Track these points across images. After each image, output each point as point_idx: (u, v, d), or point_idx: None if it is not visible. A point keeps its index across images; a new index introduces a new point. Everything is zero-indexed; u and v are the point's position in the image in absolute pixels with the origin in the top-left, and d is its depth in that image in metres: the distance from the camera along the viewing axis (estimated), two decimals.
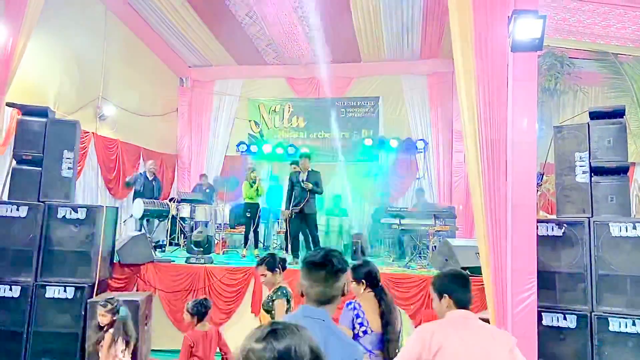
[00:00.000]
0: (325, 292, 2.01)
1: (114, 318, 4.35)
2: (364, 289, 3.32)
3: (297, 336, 1.17)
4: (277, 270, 3.94)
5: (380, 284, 3.40)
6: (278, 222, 9.86)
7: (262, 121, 12.18)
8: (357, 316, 3.13)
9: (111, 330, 4.32)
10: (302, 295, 2.08)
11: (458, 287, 2.56)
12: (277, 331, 1.17)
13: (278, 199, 9.72)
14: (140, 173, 8.82)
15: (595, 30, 7.01)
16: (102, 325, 4.34)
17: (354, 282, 3.34)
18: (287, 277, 4.18)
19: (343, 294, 2.10)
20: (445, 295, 2.55)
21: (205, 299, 4.48)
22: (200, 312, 4.28)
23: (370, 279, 3.35)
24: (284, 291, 3.82)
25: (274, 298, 3.80)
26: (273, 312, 3.74)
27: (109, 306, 4.34)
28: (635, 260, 4.25)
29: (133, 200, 8.42)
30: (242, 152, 11.72)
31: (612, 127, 4.62)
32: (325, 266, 2.03)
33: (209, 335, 4.27)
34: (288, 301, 3.79)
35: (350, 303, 3.21)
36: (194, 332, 4.24)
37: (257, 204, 8.40)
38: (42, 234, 5.33)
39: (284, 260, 4.10)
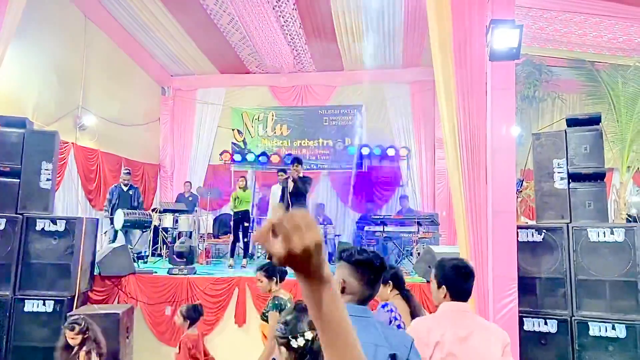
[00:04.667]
0: (373, 294, 2.07)
1: (85, 336, 4.25)
2: (391, 291, 3.36)
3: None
4: (275, 278, 4.03)
5: (406, 286, 3.48)
6: None
7: (245, 130, 12.15)
8: (395, 318, 3.14)
9: (84, 349, 4.23)
10: (343, 292, 2.04)
11: (457, 278, 2.51)
12: (301, 304, 1.42)
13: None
14: (115, 185, 8.67)
15: (572, 38, 7.15)
16: (73, 345, 4.22)
17: (381, 285, 3.40)
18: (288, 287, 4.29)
19: None
20: (443, 285, 2.52)
21: (200, 304, 4.72)
22: (193, 317, 4.47)
23: (396, 281, 3.40)
24: (278, 302, 3.90)
25: (267, 310, 3.90)
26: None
27: (77, 328, 4.23)
28: (613, 265, 4.32)
29: (110, 214, 8.31)
30: (225, 161, 11.67)
31: (588, 134, 4.72)
32: (383, 271, 2.09)
33: (200, 340, 4.49)
34: (280, 312, 3.86)
35: (386, 305, 3.26)
36: (190, 335, 4.39)
37: (245, 213, 8.33)
38: (21, 247, 5.25)
39: (284, 272, 4.18)
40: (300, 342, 1.37)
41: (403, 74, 11.30)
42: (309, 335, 1.36)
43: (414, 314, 3.26)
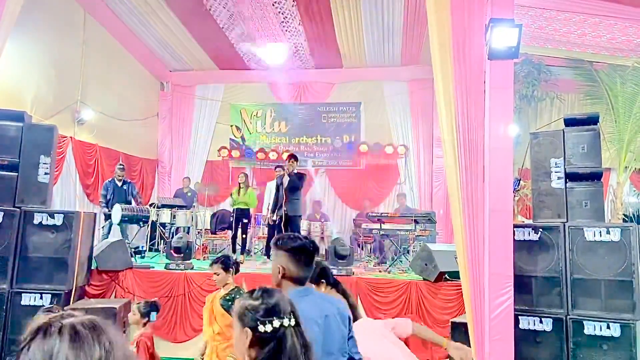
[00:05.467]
0: (309, 275, 2.32)
1: None
2: (325, 288, 3.35)
3: (281, 295, 1.61)
4: (231, 270, 4.17)
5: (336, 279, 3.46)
6: (260, 228, 9.84)
7: (243, 126, 12.16)
8: None
9: None
10: (283, 277, 2.25)
11: None
12: (268, 291, 1.62)
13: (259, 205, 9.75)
14: (110, 180, 8.67)
15: (571, 38, 7.15)
16: None
17: (315, 286, 3.37)
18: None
19: None
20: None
21: (157, 301, 4.58)
22: (151, 313, 4.37)
23: (326, 277, 3.38)
24: (242, 291, 4.04)
25: (235, 297, 3.94)
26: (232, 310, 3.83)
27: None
28: (608, 264, 4.34)
29: (107, 209, 8.31)
30: (223, 157, 11.68)
31: (586, 134, 4.73)
32: (315, 253, 2.29)
33: (152, 338, 4.40)
34: None
35: None
36: (146, 334, 4.27)
37: (244, 210, 8.38)
38: (18, 240, 5.24)
39: (237, 263, 4.37)
40: (268, 328, 1.51)
41: (402, 71, 11.31)
42: (276, 323, 1.51)
43: (351, 307, 3.27)
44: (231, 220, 8.81)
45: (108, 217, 8.16)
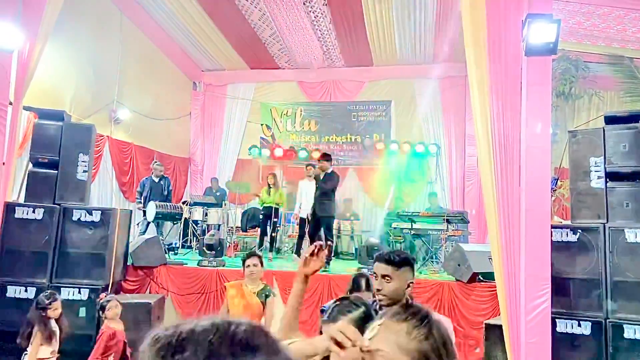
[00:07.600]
0: None
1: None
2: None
3: None
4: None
5: None
6: (291, 226, 9.88)
7: (274, 125, 12.21)
8: None
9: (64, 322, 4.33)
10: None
11: None
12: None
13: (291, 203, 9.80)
14: (147, 177, 8.87)
15: (610, 34, 6.94)
16: (54, 317, 4.22)
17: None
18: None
19: None
20: None
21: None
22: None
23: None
24: (269, 287, 4.40)
25: (268, 293, 4.23)
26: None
27: (59, 297, 4.28)
28: None
29: (143, 206, 8.50)
30: (254, 155, 11.78)
31: (627, 132, 4.58)
32: None
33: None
34: None
35: None
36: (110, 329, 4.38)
37: (273, 208, 8.43)
38: (58, 236, 5.41)
39: None
40: None
41: (433, 69, 11.12)
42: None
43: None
44: (260, 217, 8.89)
45: (145, 213, 8.35)
